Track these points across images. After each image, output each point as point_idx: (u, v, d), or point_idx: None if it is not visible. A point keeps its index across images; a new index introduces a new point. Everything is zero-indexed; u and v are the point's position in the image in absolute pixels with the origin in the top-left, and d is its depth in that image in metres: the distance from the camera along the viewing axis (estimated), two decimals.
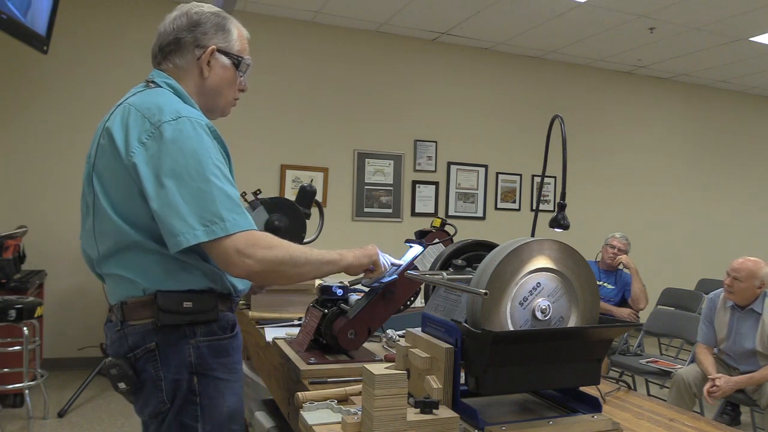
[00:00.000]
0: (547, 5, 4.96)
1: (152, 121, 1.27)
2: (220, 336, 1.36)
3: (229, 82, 1.45)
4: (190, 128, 1.26)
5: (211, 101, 1.45)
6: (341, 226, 5.61)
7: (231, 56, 1.44)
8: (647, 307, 4.51)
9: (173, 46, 1.41)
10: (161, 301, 1.29)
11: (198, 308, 1.32)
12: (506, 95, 6.33)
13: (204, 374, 1.33)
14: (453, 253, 1.51)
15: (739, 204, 7.52)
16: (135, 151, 1.26)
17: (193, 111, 1.32)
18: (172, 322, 1.30)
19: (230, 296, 1.41)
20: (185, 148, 1.24)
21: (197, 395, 1.32)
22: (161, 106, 1.29)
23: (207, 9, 1.44)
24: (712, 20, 5.11)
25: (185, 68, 1.41)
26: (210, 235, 1.22)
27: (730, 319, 3.39)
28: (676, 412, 1.40)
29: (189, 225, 1.21)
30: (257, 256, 1.24)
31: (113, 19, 4.93)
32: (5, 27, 2.82)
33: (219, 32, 1.42)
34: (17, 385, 3.57)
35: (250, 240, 1.24)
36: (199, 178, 1.24)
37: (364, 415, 1.04)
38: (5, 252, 3.86)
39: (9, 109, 4.67)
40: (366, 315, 1.58)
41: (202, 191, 1.23)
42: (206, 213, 1.22)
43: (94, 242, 1.36)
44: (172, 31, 1.41)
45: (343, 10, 5.22)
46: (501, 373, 1.11)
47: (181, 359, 1.31)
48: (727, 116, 7.47)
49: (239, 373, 1.42)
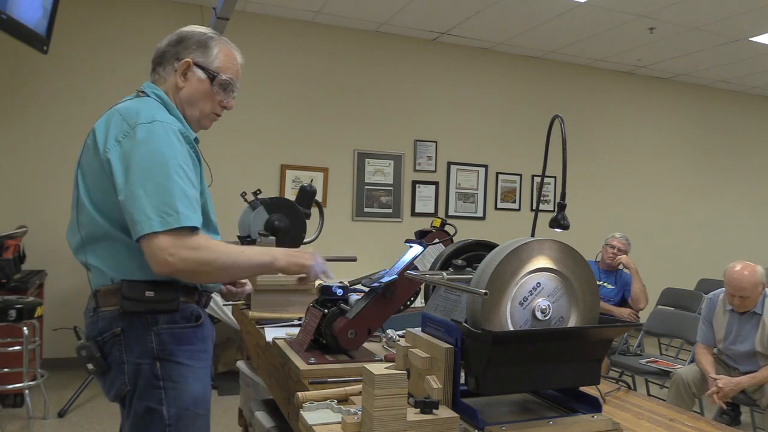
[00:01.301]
0: (547, 5, 4.96)
1: (129, 123, 1.40)
2: (182, 325, 1.45)
3: (204, 95, 1.56)
4: (161, 131, 1.38)
5: (187, 111, 1.56)
6: (341, 226, 5.61)
7: (207, 71, 1.55)
8: (647, 307, 4.51)
9: (160, 58, 1.56)
10: (125, 289, 1.41)
11: (159, 298, 1.42)
12: (506, 95, 6.33)
13: (166, 359, 1.42)
14: (453, 253, 1.51)
15: (739, 204, 7.51)
16: (110, 148, 1.39)
17: (168, 117, 1.44)
18: (135, 310, 1.41)
19: (195, 289, 1.50)
20: (153, 148, 1.36)
21: (160, 379, 1.41)
22: (140, 111, 1.42)
23: (199, 30, 1.58)
24: (712, 20, 5.11)
25: (165, 78, 1.55)
26: (164, 226, 1.30)
27: (730, 319, 3.38)
28: (676, 412, 1.40)
29: (147, 216, 1.31)
30: (180, 255, 1.31)
31: (113, 20, 4.93)
32: (5, 27, 2.82)
33: (199, 48, 1.55)
34: (17, 385, 3.57)
35: (179, 240, 1.32)
36: (162, 174, 1.34)
37: (364, 415, 1.04)
38: (5, 252, 3.86)
39: (9, 109, 4.67)
40: (366, 315, 1.58)
41: (163, 186, 1.33)
42: (163, 206, 1.32)
43: (78, 231, 1.48)
44: (163, 45, 1.56)
45: (343, 10, 5.22)
46: (501, 373, 1.11)
47: (143, 345, 1.41)
48: (727, 116, 7.47)
49: (205, 361, 1.51)
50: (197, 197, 1.40)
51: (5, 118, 4.67)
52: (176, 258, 1.31)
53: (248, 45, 5.28)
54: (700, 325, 3.53)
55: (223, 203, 4.69)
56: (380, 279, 1.60)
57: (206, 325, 1.53)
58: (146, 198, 1.32)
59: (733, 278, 3.28)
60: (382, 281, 1.59)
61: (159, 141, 1.37)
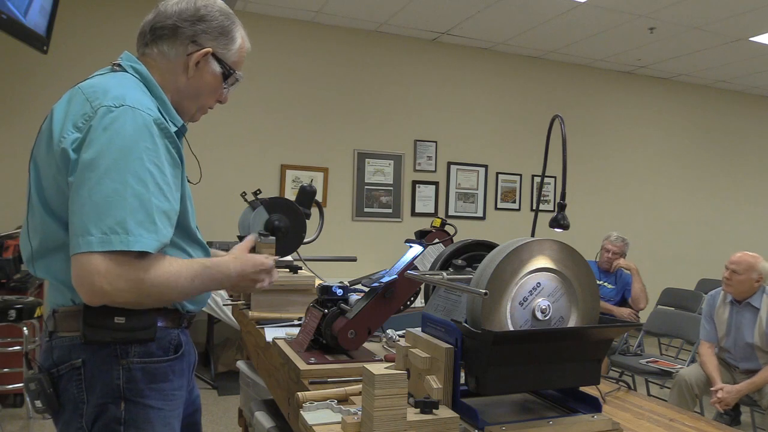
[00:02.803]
0: (547, 5, 4.96)
1: (93, 105, 1.12)
2: (158, 358, 1.21)
3: (212, 89, 1.32)
4: (129, 119, 1.10)
5: (184, 103, 1.31)
6: (341, 226, 5.61)
7: (224, 65, 1.31)
8: (647, 307, 4.51)
9: (168, 31, 1.26)
10: (87, 313, 1.13)
11: (132, 325, 1.15)
12: (506, 95, 6.33)
13: (133, 401, 1.17)
14: (453, 253, 1.51)
15: (739, 204, 7.51)
16: (66, 136, 1.11)
17: (144, 101, 1.16)
18: (100, 339, 1.14)
19: (177, 312, 1.27)
20: (115, 140, 1.08)
21: (122, 424, 1.16)
22: (108, 89, 1.15)
23: (218, 5, 1.31)
24: (712, 20, 5.11)
25: (171, 59, 1.27)
26: (104, 246, 1.03)
27: (729, 314, 3.42)
28: (676, 412, 1.40)
29: (86, 229, 1.04)
30: (118, 285, 1.05)
31: (113, 19, 4.93)
32: (5, 27, 2.82)
33: (221, 36, 1.30)
34: (17, 385, 3.57)
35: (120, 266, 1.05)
36: (118, 179, 1.07)
37: (364, 415, 1.04)
38: (5, 252, 3.86)
39: (9, 109, 4.67)
40: (366, 315, 1.58)
41: (115, 194, 1.06)
42: (109, 219, 1.05)
43: (27, 238, 1.22)
44: (172, 14, 1.26)
45: (343, 10, 5.22)
46: (501, 373, 1.11)
47: (108, 381, 1.16)
48: (727, 116, 7.47)
49: (178, 400, 1.26)
50: (167, 208, 1.13)
51: (5, 118, 4.67)
52: (113, 287, 1.05)
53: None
54: (702, 323, 3.56)
55: (223, 203, 4.71)
56: (380, 279, 1.60)
57: (187, 355, 1.30)
58: (91, 206, 1.05)
59: (734, 255, 3.40)
60: (382, 281, 1.58)
61: (123, 132, 1.09)
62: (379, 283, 1.58)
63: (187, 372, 1.32)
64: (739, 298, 3.38)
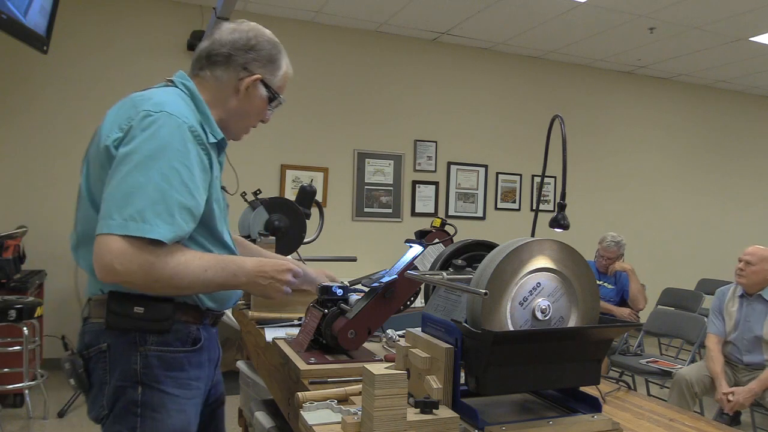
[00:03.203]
0: (547, 5, 4.96)
1: (137, 110, 1.25)
2: (174, 348, 1.30)
3: (258, 111, 1.47)
4: (165, 123, 1.22)
5: (232, 122, 1.44)
6: (341, 226, 5.61)
7: (270, 90, 1.45)
8: (647, 307, 4.51)
9: (222, 58, 1.39)
10: (111, 302, 1.26)
11: (150, 315, 1.26)
12: (506, 95, 6.33)
13: (149, 385, 1.27)
14: (453, 253, 1.51)
15: (739, 204, 7.51)
16: (110, 135, 1.25)
17: (184, 111, 1.28)
18: (121, 326, 1.26)
19: (197, 308, 1.35)
20: (150, 140, 1.21)
21: (139, 406, 1.26)
22: (152, 97, 1.28)
23: (267, 36, 1.44)
24: (712, 20, 5.11)
25: (224, 82, 1.40)
26: (123, 230, 1.14)
27: (739, 307, 3.46)
28: (676, 412, 1.40)
29: (109, 214, 1.16)
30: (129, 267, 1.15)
31: (113, 20, 4.93)
32: (5, 27, 2.82)
33: (269, 64, 1.43)
34: (17, 385, 3.58)
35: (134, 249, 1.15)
36: (144, 173, 1.18)
37: (364, 415, 1.04)
38: (5, 252, 3.86)
39: (9, 109, 4.67)
40: (366, 315, 1.58)
41: (139, 187, 1.17)
42: (131, 207, 1.16)
43: (74, 229, 1.35)
44: (227, 43, 1.39)
45: (343, 10, 5.22)
46: (501, 373, 1.11)
47: (127, 366, 1.26)
48: (727, 116, 7.47)
49: (196, 390, 1.35)
50: (191, 205, 1.23)
51: (5, 118, 4.67)
52: (124, 268, 1.14)
53: None
54: (710, 317, 3.60)
55: None
56: (380, 279, 1.60)
57: (207, 350, 1.38)
58: (117, 195, 1.17)
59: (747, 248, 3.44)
60: (382, 281, 1.58)
61: (157, 134, 1.21)
62: (379, 283, 1.58)
63: (208, 365, 1.40)
64: (751, 291, 3.43)
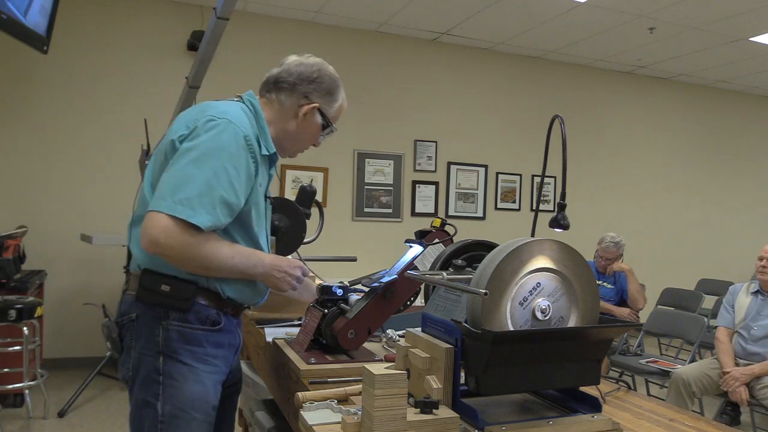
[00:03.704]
0: (547, 5, 4.96)
1: (203, 114, 1.43)
2: (194, 326, 1.44)
3: (311, 136, 1.65)
4: (225, 128, 1.40)
5: (287, 142, 1.62)
6: (341, 226, 5.61)
7: (325, 119, 1.63)
8: (647, 307, 4.51)
9: (288, 86, 1.58)
10: (143, 277, 1.43)
11: (173, 294, 1.42)
12: (506, 95, 6.33)
13: (170, 356, 1.42)
14: (453, 253, 1.52)
15: (739, 204, 7.51)
16: (177, 131, 1.43)
17: (242, 121, 1.45)
18: (148, 300, 1.42)
19: (218, 295, 1.48)
20: (209, 141, 1.38)
21: (161, 374, 1.41)
22: (218, 106, 1.46)
23: (329, 72, 1.65)
24: (712, 20, 5.11)
25: (286, 106, 1.58)
26: (171, 211, 1.32)
27: (752, 302, 3.50)
28: (676, 412, 1.40)
29: (163, 196, 1.34)
30: (170, 242, 1.32)
31: (113, 20, 4.92)
32: (5, 27, 2.81)
33: (327, 96, 1.62)
34: (17, 385, 3.57)
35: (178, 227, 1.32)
36: (198, 165, 1.36)
37: (364, 415, 1.04)
38: (5, 252, 3.86)
39: (9, 109, 4.67)
40: (366, 315, 1.58)
41: (192, 177, 1.35)
42: (181, 194, 1.33)
43: (133, 208, 1.54)
44: (294, 73, 1.58)
45: (343, 10, 5.22)
46: (501, 373, 1.11)
47: (151, 336, 1.42)
48: (727, 116, 7.47)
49: (214, 366, 1.48)
50: (232, 201, 1.39)
51: (5, 118, 4.67)
52: (167, 242, 1.32)
53: (248, 45, 5.29)
54: (721, 311, 3.66)
55: None
56: (380, 279, 1.60)
57: (227, 333, 1.51)
58: (173, 181, 1.35)
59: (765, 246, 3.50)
60: (382, 281, 1.59)
61: (216, 137, 1.39)
62: (379, 283, 1.59)
63: (228, 348, 1.52)
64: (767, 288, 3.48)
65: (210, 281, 1.45)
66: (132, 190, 4.78)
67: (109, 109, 4.85)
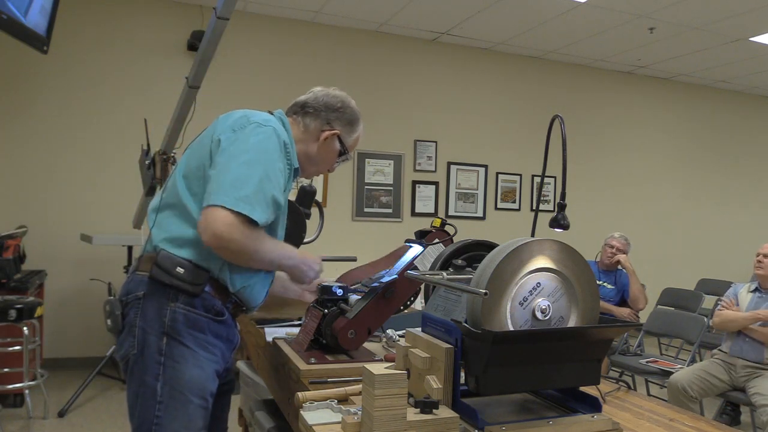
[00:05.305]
0: (547, 5, 4.96)
1: (249, 120, 1.54)
2: (199, 312, 1.49)
3: (328, 160, 1.76)
4: (271, 135, 1.52)
5: (306, 163, 1.73)
6: (341, 226, 5.61)
7: (343, 146, 1.75)
8: (647, 307, 4.51)
9: (313, 111, 1.71)
10: (160, 257, 1.49)
11: (187, 278, 1.47)
12: (506, 95, 6.33)
13: (173, 338, 1.47)
14: (453, 253, 1.52)
15: (739, 204, 7.51)
16: (224, 131, 1.52)
17: (282, 131, 1.57)
18: (161, 279, 1.47)
19: (225, 289, 1.54)
20: (255, 142, 1.49)
21: (162, 355, 1.46)
22: (263, 115, 1.59)
23: (352, 104, 1.78)
24: (712, 20, 5.11)
25: (310, 129, 1.71)
26: (235, 207, 1.40)
27: (751, 300, 3.52)
28: (676, 412, 1.40)
29: (224, 191, 1.41)
30: (232, 235, 1.40)
31: (113, 20, 4.93)
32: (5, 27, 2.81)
33: (348, 125, 1.74)
34: (17, 385, 3.57)
35: (239, 222, 1.40)
36: (251, 166, 1.46)
37: (364, 415, 1.04)
38: (5, 252, 3.86)
39: (9, 109, 4.67)
40: (366, 315, 1.58)
41: (249, 176, 1.44)
42: (240, 191, 1.42)
43: (160, 194, 1.61)
44: (321, 103, 1.72)
45: (343, 10, 5.22)
46: (501, 373, 1.11)
47: (157, 316, 1.47)
48: (727, 116, 7.47)
49: (213, 354, 1.53)
50: (278, 199, 1.50)
51: (5, 118, 4.67)
52: (228, 234, 1.39)
53: (248, 45, 5.29)
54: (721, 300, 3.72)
55: None
56: (380, 279, 1.60)
57: (227, 326, 1.57)
58: (232, 178, 1.43)
59: None
60: (382, 281, 1.59)
61: (264, 140, 1.50)
62: (379, 283, 1.59)
63: (225, 341, 1.57)
64: (766, 286, 3.50)
65: (222, 272, 1.51)
66: (132, 190, 4.80)
67: (109, 109, 4.85)
